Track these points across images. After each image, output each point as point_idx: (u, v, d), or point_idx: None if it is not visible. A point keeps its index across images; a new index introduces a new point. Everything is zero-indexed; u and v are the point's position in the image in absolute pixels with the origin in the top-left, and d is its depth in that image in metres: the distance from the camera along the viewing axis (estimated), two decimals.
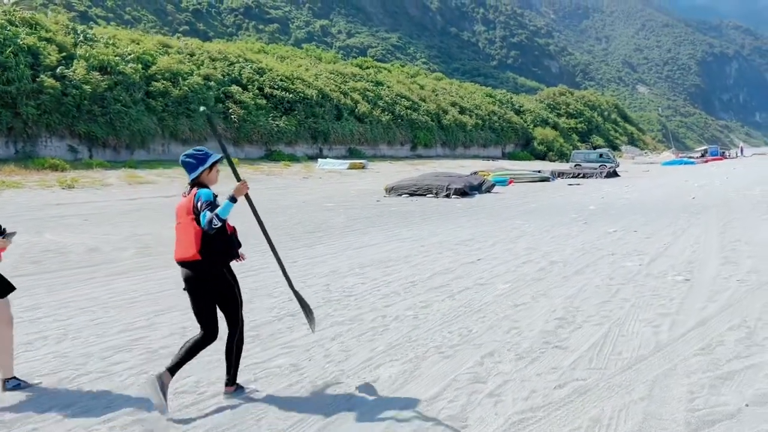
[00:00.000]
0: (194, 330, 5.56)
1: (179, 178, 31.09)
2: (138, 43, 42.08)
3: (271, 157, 43.53)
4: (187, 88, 39.91)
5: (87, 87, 34.41)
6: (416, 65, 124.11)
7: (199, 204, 4.04)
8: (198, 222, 4.04)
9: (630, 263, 8.69)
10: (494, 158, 65.78)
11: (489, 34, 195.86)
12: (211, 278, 4.15)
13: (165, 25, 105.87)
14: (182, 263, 4.19)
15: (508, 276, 7.97)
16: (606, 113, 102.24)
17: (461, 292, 6.98)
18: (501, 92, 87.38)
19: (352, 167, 40.82)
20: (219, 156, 4.29)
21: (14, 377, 4.51)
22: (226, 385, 4.34)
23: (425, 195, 22.77)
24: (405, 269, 8.49)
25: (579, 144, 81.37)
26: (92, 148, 35.05)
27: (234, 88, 44.06)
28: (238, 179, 4.29)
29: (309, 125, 47.99)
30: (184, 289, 4.23)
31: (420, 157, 58.03)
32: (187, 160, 4.22)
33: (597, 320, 5.87)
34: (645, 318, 5.92)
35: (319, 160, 42.88)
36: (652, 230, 12.45)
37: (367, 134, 53.32)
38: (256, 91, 45.84)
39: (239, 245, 4.39)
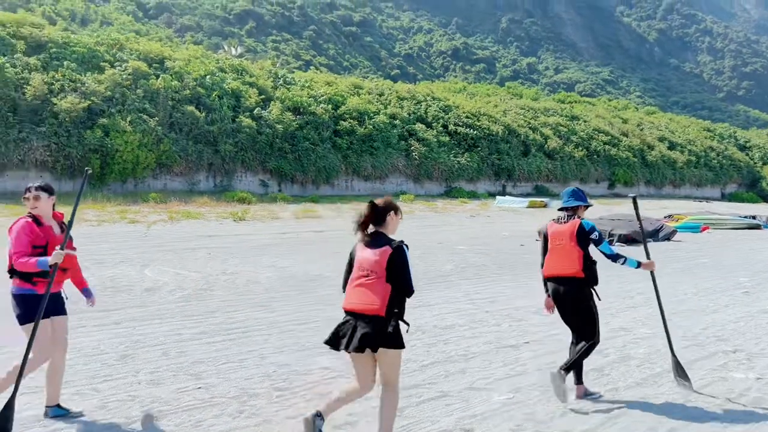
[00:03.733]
0: None
1: (350, 213, 30.97)
2: (331, 85, 43.82)
3: (450, 193, 42.29)
4: (372, 127, 40.46)
5: (279, 126, 36.38)
6: (628, 99, 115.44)
7: (593, 235, 4.83)
8: (581, 246, 4.85)
9: (741, 374, 5.56)
10: (710, 199, 57.31)
11: (716, 64, 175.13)
12: (582, 293, 4.87)
13: (378, 69, 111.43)
14: (559, 278, 4.95)
15: (528, 378, 5.49)
16: None
17: (421, 404, 4.74)
18: (722, 126, 76.75)
19: (531, 206, 37.69)
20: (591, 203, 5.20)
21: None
22: (575, 383, 5.01)
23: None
24: (414, 349, 6.38)
25: None
26: (281, 182, 36.83)
27: (418, 125, 43.79)
28: (648, 257, 5.24)
29: (492, 161, 46.00)
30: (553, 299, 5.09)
31: (618, 195, 52.51)
32: (579, 192, 5.16)
33: None
34: None
35: (497, 197, 40.53)
36: None
37: (557, 171, 49.66)
38: (440, 128, 45.14)
39: None
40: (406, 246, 3.91)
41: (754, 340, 6.94)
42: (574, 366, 4.91)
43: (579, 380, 5.05)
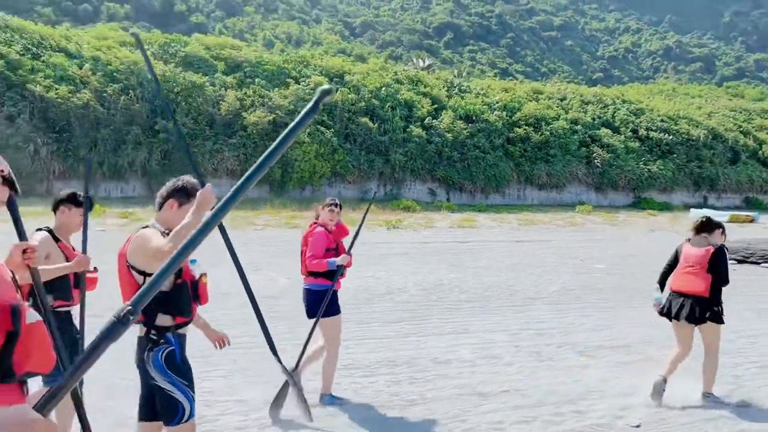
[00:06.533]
0: None
1: (513, 224, 29.12)
2: (508, 92, 42.18)
3: (638, 204, 38.17)
4: (548, 133, 38.12)
5: (449, 135, 35.89)
6: None
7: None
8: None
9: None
10: None
11: None
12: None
13: (579, 74, 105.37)
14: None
15: None
16: None
17: None
18: None
19: (733, 220, 32.29)
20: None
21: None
22: None
23: (759, 263, 16.08)
24: (371, 386, 5.28)
25: None
26: (450, 191, 36.23)
27: (603, 131, 40.26)
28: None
29: (691, 170, 40.60)
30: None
31: None
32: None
33: None
34: None
35: (692, 210, 35.56)
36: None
37: None
38: (629, 133, 41.02)
39: None
40: (727, 249, 5.30)
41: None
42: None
43: None
